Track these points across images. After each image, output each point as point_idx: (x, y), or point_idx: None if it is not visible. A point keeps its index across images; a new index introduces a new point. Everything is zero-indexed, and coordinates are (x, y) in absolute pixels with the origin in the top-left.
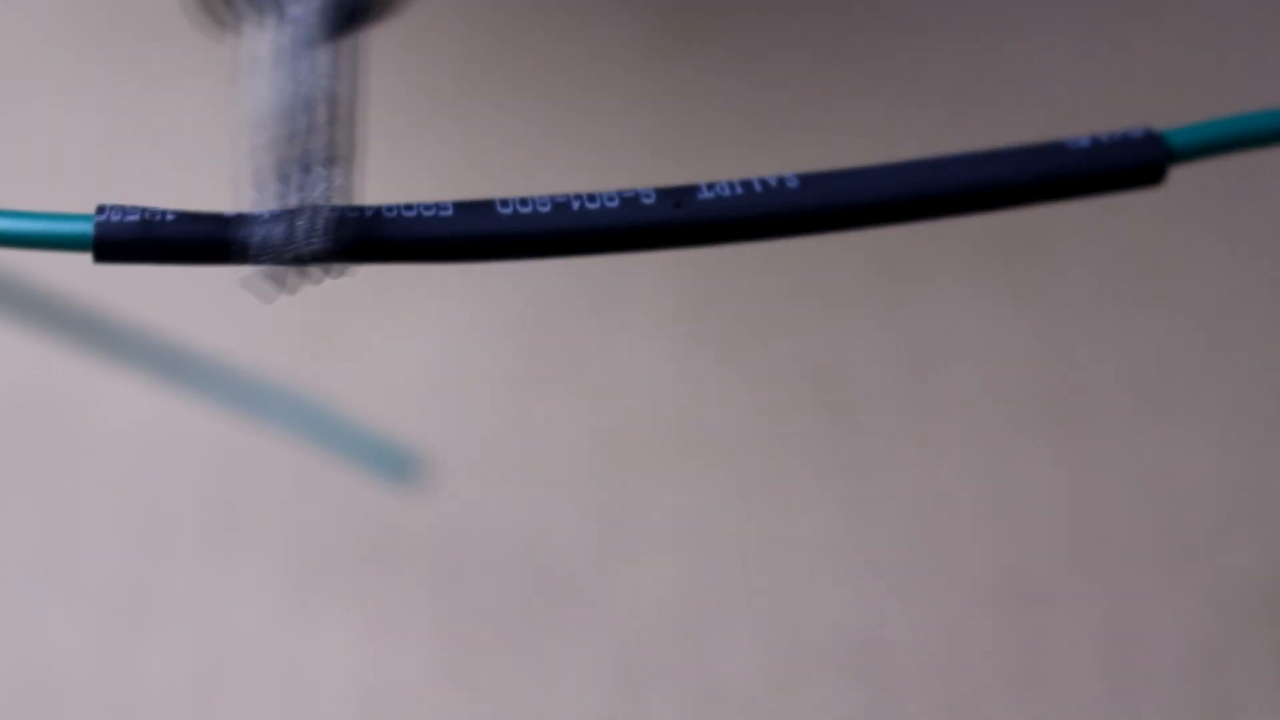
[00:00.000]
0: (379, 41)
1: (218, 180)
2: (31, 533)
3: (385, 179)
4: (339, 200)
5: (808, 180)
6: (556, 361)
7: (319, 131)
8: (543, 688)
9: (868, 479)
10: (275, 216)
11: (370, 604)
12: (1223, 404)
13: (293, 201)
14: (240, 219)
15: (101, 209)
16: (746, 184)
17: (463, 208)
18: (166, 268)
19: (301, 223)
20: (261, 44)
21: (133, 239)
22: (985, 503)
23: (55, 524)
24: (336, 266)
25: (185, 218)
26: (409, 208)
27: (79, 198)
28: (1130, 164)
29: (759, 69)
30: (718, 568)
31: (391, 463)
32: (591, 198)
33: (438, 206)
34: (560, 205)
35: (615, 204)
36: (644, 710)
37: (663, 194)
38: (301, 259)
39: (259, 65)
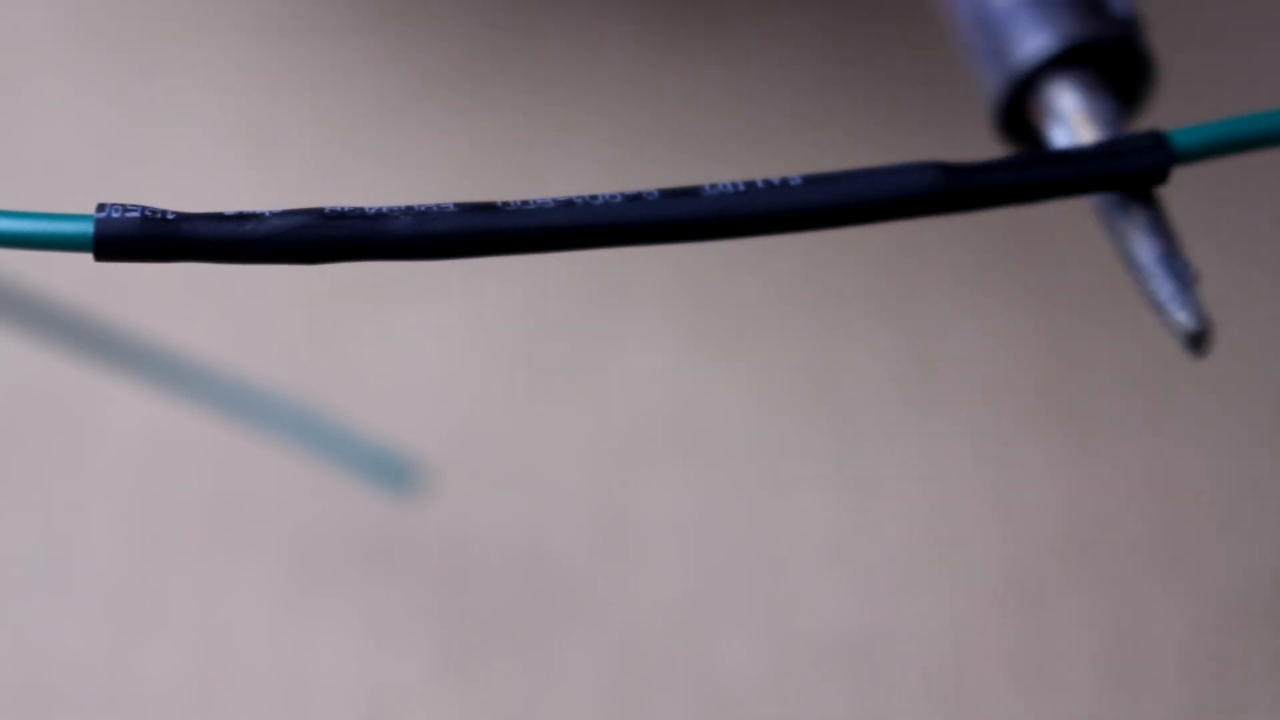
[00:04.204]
0: (378, 43)
1: (218, 180)
2: (32, 533)
3: (385, 179)
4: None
5: (811, 180)
6: (556, 362)
7: None
8: (543, 688)
9: (868, 479)
10: (286, 214)
11: (371, 605)
12: (1223, 404)
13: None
14: (241, 217)
15: (102, 207)
16: (750, 184)
17: (465, 208)
18: (166, 269)
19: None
20: None
21: (134, 237)
22: (985, 503)
23: (56, 524)
24: None
25: (186, 216)
26: (408, 209)
27: (79, 198)
28: (1135, 165)
29: (762, 68)
30: (718, 568)
31: (390, 471)
32: (594, 198)
33: (439, 206)
34: (564, 205)
35: (619, 202)
36: (644, 710)
37: (666, 196)
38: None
39: None
